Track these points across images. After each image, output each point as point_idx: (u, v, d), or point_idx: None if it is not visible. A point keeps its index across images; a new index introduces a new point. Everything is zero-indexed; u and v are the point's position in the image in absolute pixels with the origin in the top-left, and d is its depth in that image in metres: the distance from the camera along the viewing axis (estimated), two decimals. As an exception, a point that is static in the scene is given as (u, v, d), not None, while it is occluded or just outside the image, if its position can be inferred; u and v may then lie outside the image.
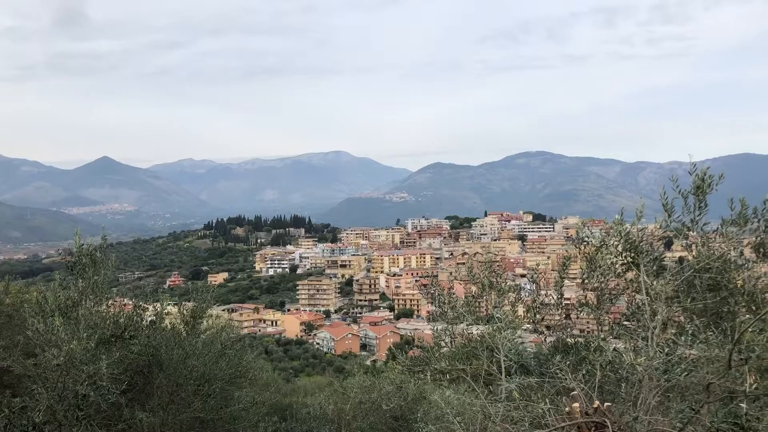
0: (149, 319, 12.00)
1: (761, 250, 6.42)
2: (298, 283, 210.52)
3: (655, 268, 7.31)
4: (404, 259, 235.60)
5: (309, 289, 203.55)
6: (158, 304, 12.55)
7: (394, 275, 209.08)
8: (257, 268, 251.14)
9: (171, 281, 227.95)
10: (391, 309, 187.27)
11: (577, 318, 9.18)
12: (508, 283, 9.35)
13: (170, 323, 12.58)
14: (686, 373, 5.40)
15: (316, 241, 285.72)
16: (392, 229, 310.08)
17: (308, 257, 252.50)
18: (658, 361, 5.53)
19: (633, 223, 7.19)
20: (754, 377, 5.52)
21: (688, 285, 6.99)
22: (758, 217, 6.53)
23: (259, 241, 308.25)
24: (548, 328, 10.18)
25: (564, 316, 9.44)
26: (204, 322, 13.15)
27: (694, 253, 6.97)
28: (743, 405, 4.73)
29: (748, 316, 6.26)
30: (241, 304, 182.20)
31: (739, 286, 6.48)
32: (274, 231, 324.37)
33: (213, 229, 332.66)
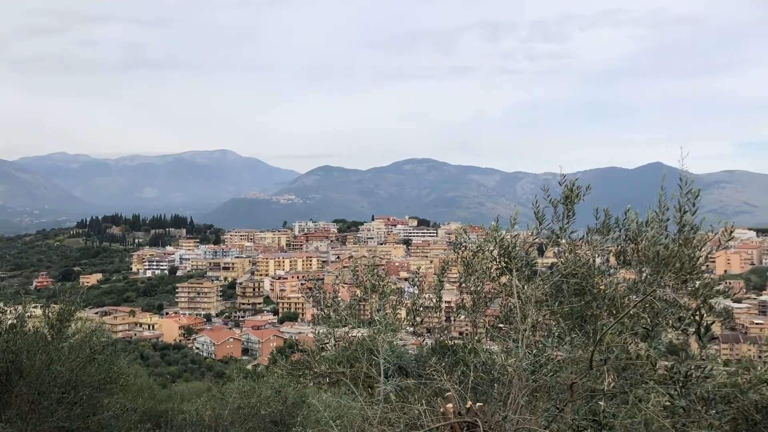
0: (9, 322, 11.17)
1: (622, 257, 6.88)
2: (177, 285, 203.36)
3: (527, 273, 7.66)
4: (290, 262, 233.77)
5: (189, 292, 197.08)
6: (20, 307, 11.71)
7: (280, 278, 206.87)
8: (134, 269, 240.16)
9: (38, 282, 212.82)
10: (276, 313, 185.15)
11: (454, 320, 9.45)
12: (390, 287, 9.45)
13: (33, 327, 11.75)
14: (552, 373, 5.68)
15: (198, 242, 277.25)
16: (278, 231, 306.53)
17: (189, 259, 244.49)
18: (527, 362, 5.78)
19: (507, 229, 7.50)
20: (612, 376, 5.90)
21: (557, 289, 7.37)
22: (620, 227, 6.99)
23: (137, 241, 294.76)
24: (429, 330, 10.41)
25: (444, 318, 9.69)
26: (72, 325, 12.39)
27: (562, 259, 7.38)
28: (602, 403, 5.03)
29: (609, 319, 6.67)
30: (115, 307, 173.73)
31: (601, 290, 6.90)
32: (153, 231, 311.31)
33: (87, 228, 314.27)
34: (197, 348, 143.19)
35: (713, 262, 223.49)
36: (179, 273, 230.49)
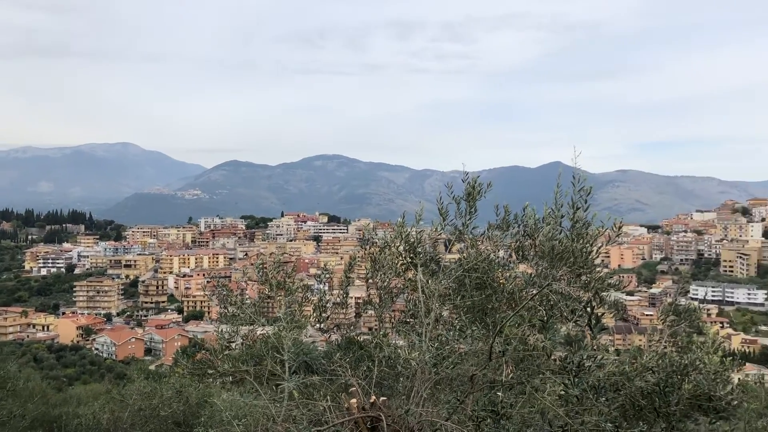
0: None
1: (520, 252, 7.11)
2: (75, 284, 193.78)
3: (432, 268, 7.79)
4: (196, 259, 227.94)
5: (88, 291, 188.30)
6: None
7: (185, 276, 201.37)
8: (27, 267, 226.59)
9: None
10: (180, 311, 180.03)
11: (360, 316, 9.49)
12: (296, 284, 9.37)
13: None
14: (453, 365, 5.80)
15: (97, 238, 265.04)
16: (183, 227, 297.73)
17: (88, 256, 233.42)
18: (429, 356, 5.88)
19: (412, 225, 7.59)
20: (511, 367, 6.09)
21: (460, 284, 7.53)
22: (519, 223, 7.23)
23: (30, 237, 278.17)
24: (338, 327, 10.39)
25: (354, 314, 9.70)
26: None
27: (464, 254, 7.55)
28: (500, 393, 5.19)
29: (508, 312, 6.89)
30: (5, 308, 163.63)
31: (501, 284, 7.11)
32: (48, 227, 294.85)
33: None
34: (97, 349, 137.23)
35: (608, 256, 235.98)
36: (77, 271, 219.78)
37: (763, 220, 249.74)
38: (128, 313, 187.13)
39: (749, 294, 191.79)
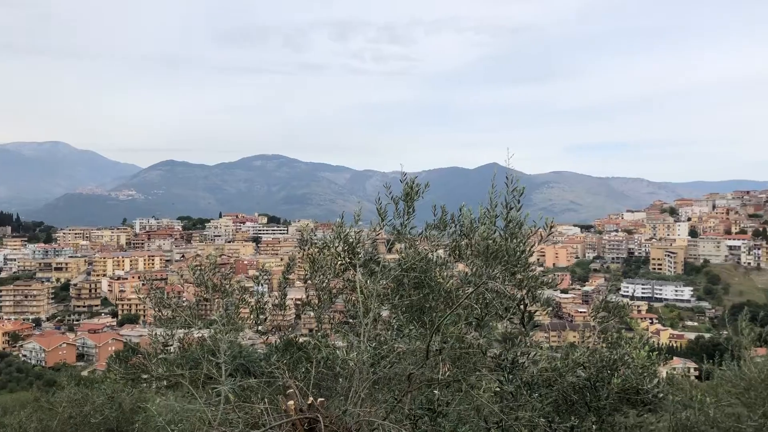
0: None
1: (457, 251, 7.21)
2: (1, 288, 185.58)
3: (372, 268, 7.80)
4: (131, 261, 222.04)
5: (15, 295, 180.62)
6: None
7: (119, 279, 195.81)
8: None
9: None
10: (115, 315, 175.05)
11: (300, 318, 9.42)
12: (233, 285, 9.24)
13: None
14: (391, 365, 5.83)
15: (25, 241, 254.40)
16: (118, 229, 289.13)
17: (15, 259, 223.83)
18: (367, 356, 5.89)
19: (351, 226, 7.59)
20: (448, 365, 6.17)
21: (398, 283, 7.58)
22: (455, 223, 7.32)
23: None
24: (278, 328, 10.29)
25: (294, 316, 9.63)
26: None
27: (403, 254, 7.60)
28: (437, 392, 5.24)
29: (445, 310, 6.97)
30: None
31: (438, 283, 7.19)
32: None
33: None
34: (24, 356, 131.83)
35: (543, 255, 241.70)
36: (3, 275, 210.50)
37: (689, 219, 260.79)
38: (59, 317, 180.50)
39: (676, 291, 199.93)
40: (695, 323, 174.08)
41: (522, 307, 5.53)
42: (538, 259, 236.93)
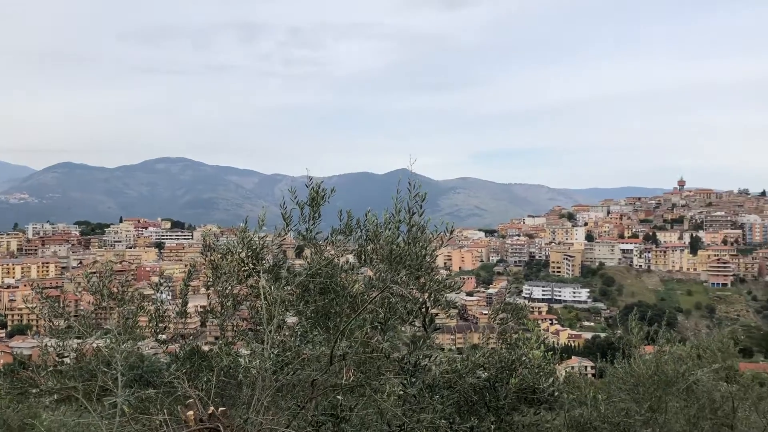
0: None
1: (362, 256, 7.25)
2: None
3: (277, 274, 7.71)
4: (22, 268, 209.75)
5: None
6: None
7: (9, 287, 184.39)
8: None
9: None
10: (4, 326, 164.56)
11: (206, 325, 9.19)
12: (132, 293, 8.90)
13: None
14: (294, 372, 5.78)
15: None
16: (8, 234, 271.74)
17: None
18: (270, 363, 5.80)
19: (255, 231, 7.48)
20: (352, 371, 6.18)
21: (304, 289, 7.53)
22: (361, 228, 7.36)
23: None
24: (182, 337, 9.98)
25: (199, 323, 9.36)
26: None
27: (308, 259, 7.56)
28: (340, 397, 5.24)
29: (351, 315, 6.99)
30: None
31: (344, 288, 7.20)
32: None
33: None
34: None
35: (449, 259, 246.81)
36: None
37: (585, 224, 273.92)
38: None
39: (574, 292, 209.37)
40: (592, 323, 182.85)
41: (424, 310, 5.62)
42: (445, 263, 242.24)
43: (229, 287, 8.12)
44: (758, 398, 11.85)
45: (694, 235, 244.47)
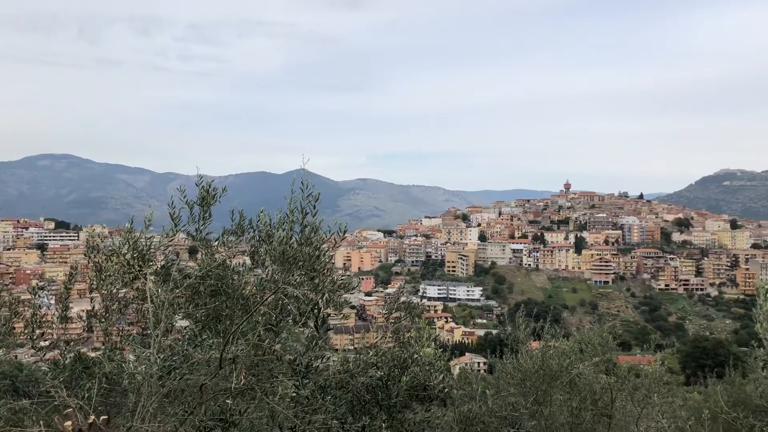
0: None
1: (255, 257, 7.12)
2: None
3: (166, 275, 7.43)
4: None
5: None
6: None
7: None
8: None
9: None
10: None
11: (89, 331, 8.74)
12: (6, 297, 8.33)
13: None
14: (181, 376, 5.59)
15: None
16: None
17: None
18: (156, 368, 5.59)
19: (141, 231, 7.18)
20: (243, 374, 6.05)
21: (194, 291, 7.30)
22: (254, 228, 7.23)
23: None
24: (67, 343, 9.43)
25: (84, 329, 8.88)
26: None
27: (199, 261, 7.34)
28: (229, 401, 5.12)
29: (242, 317, 6.84)
30: None
31: (236, 290, 7.04)
32: None
33: None
34: None
35: (349, 259, 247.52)
36: None
37: (479, 225, 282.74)
38: None
39: (468, 291, 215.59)
40: (484, 321, 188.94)
41: (316, 311, 5.60)
42: (344, 264, 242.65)
43: (115, 290, 7.76)
44: (634, 389, 12.67)
45: (578, 235, 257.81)
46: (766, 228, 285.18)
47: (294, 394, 5.75)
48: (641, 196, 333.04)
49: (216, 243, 7.36)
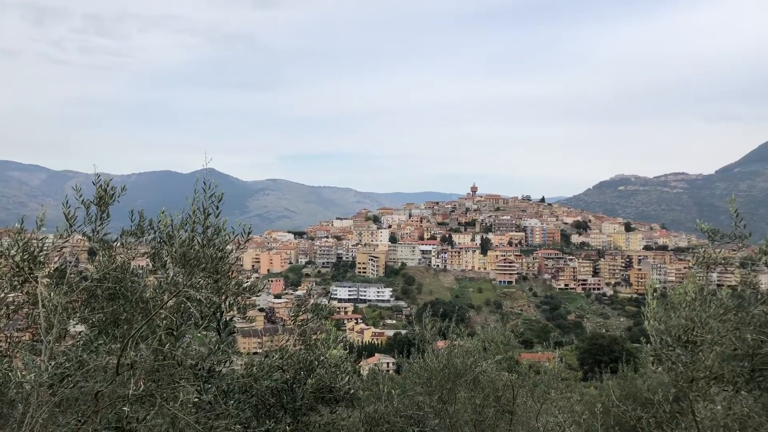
0: None
1: (158, 259, 6.88)
2: None
3: (63, 278, 7.06)
4: None
5: None
6: None
7: None
8: None
9: None
10: None
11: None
12: None
13: None
14: (75, 384, 5.33)
15: None
16: None
17: None
18: (47, 375, 5.30)
19: (32, 232, 6.79)
20: (142, 380, 5.83)
21: (90, 295, 6.98)
22: (155, 229, 6.98)
23: None
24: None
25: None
26: None
27: (96, 263, 7.02)
28: (126, 408, 4.93)
29: (142, 321, 6.60)
30: None
31: (135, 293, 6.78)
32: None
33: None
34: None
35: (258, 261, 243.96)
36: None
37: (389, 226, 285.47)
38: None
39: (378, 292, 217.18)
40: (394, 321, 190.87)
41: (218, 314, 5.48)
42: (253, 266, 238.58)
43: (3, 294, 7.30)
44: (534, 385, 13.15)
45: (484, 237, 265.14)
46: (657, 231, 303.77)
47: (196, 400, 5.60)
48: (543, 200, 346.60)
49: (116, 244, 7.05)
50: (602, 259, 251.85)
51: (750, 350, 5.65)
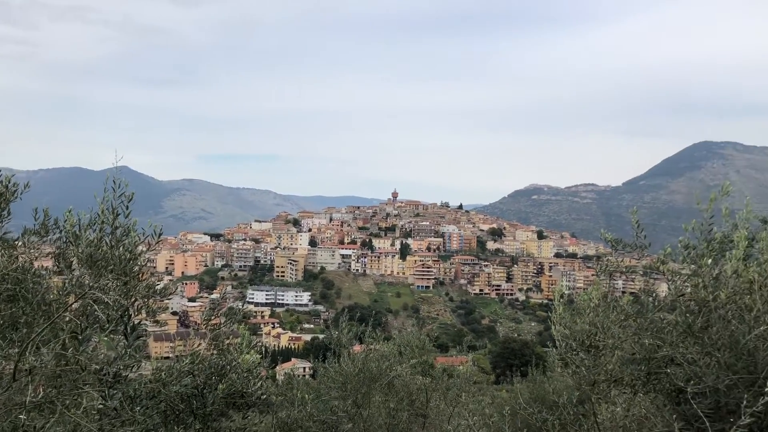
0: None
1: (60, 260, 6.60)
2: None
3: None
4: None
5: None
6: None
7: None
8: None
9: None
10: None
11: None
12: None
13: None
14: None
15: None
16: None
17: None
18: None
19: None
20: (42, 386, 5.57)
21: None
22: (60, 228, 6.69)
23: None
24: None
25: None
26: None
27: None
28: (23, 416, 4.70)
29: (43, 324, 6.30)
30: None
31: (37, 295, 6.47)
32: None
33: None
34: None
35: (172, 263, 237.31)
36: None
37: (310, 230, 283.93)
38: None
39: (297, 296, 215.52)
40: (312, 325, 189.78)
41: (126, 317, 5.31)
42: (167, 268, 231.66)
43: None
44: (447, 388, 13.40)
45: (404, 242, 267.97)
46: (568, 239, 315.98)
47: (101, 406, 5.39)
48: (461, 207, 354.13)
49: (17, 243, 6.71)
50: (515, 266, 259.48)
51: (647, 354, 5.97)
